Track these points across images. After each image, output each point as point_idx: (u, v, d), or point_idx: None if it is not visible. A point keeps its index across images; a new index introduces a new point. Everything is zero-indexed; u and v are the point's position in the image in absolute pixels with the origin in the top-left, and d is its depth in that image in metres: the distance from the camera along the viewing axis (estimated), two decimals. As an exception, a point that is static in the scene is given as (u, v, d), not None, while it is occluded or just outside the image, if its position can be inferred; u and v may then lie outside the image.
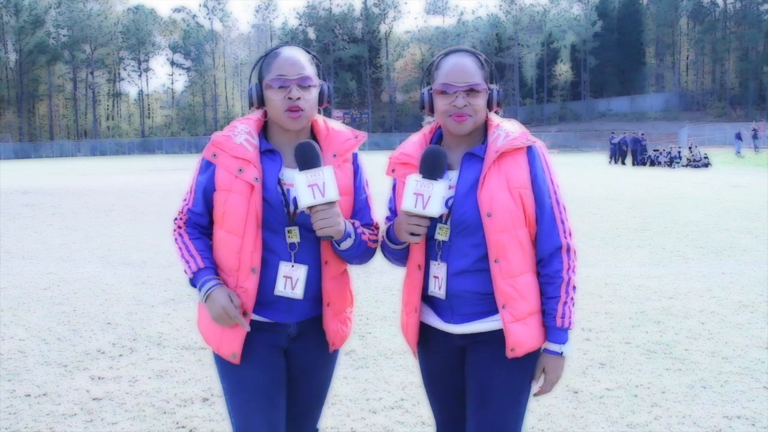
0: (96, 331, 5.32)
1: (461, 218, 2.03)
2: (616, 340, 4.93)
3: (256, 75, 2.18)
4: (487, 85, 2.11)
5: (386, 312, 5.72)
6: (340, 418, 3.65)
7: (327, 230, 2.00)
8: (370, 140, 66.89)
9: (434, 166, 2.01)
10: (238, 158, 2.08)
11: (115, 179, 24.26)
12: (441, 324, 2.13)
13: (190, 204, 2.20)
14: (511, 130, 2.09)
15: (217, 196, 2.13)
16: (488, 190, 2.00)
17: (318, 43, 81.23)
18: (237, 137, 2.12)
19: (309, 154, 2.00)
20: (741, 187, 17.81)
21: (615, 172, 27.44)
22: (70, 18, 75.98)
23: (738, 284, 6.65)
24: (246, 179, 2.06)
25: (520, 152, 2.05)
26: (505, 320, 2.02)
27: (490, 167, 2.02)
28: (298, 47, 2.21)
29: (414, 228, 2.01)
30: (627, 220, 11.45)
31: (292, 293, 2.09)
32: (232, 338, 2.11)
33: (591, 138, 61.10)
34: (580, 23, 78.44)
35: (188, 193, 2.22)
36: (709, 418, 3.61)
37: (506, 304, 2.02)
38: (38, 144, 69.90)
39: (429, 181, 1.98)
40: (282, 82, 2.08)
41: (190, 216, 2.20)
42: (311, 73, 2.14)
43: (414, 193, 1.99)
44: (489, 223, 1.99)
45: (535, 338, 2.06)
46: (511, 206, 2.00)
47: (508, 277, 2.02)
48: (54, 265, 8.06)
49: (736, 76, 74.20)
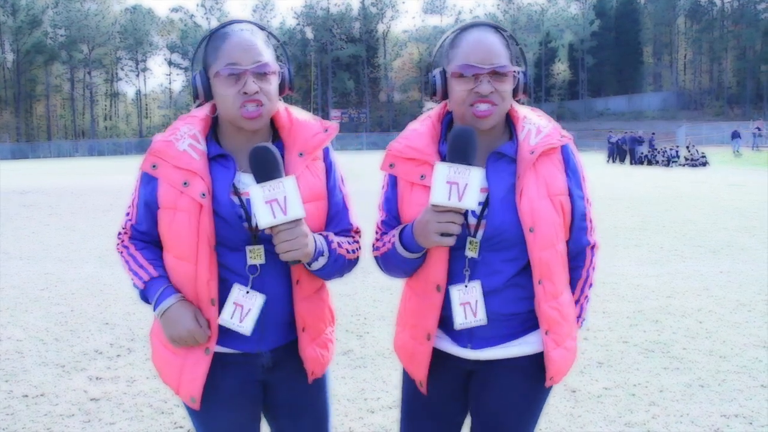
0: (94, 331, 5.31)
1: (497, 232, 1.70)
2: (613, 339, 4.93)
3: (200, 61, 1.77)
4: (518, 65, 1.76)
5: (384, 312, 5.71)
6: (338, 417, 3.65)
7: (292, 254, 1.64)
8: (368, 140, 67.01)
9: (467, 150, 1.62)
10: (182, 169, 1.72)
11: (113, 179, 24.21)
12: (455, 349, 1.82)
13: (133, 220, 1.87)
14: (542, 125, 1.78)
15: (162, 214, 1.76)
16: (528, 199, 1.68)
17: (316, 43, 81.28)
18: (180, 142, 1.74)
19: (266, 162, 1.62)
20: (739, 186, 17.83)
21: (613, 171, 27.46)
22: (67, 18, 75.89)
23: (736, 283, 6.65)
24: (191, 195, 1.70)
25: (555, 152, 1.76)
26: (548, 347, 1.76)
27: (526, 171, 1.70)
28: (251, 23, 1.78)
29: (448, 226, 1.61)
30: (625, 219, 11.45)
31: (238, 326, 1.73)
32: (192, 378, 1.77)
33: (589, 137, 61.11)
34: (578, 22, 78.58)
35: (130, 207, 1.88)
36: (706, 416, 3.61)
37: (550, 330, 1.75)
38: (36, 144, 69.79)
39: (464, 167, 1.60)
40: (233, 70, 1.68)
41: (133, 233, 1.87)
42: (269, 57, 1.74)
43: (447, 182, 1.59)
44: (532, 240, 1.69)
45: (569, 361, 1.84)
46: (554, 218, 1.72)
47: (552, 299, 1.75)
48: (52, 265, 8.05)
49: (734, 75, 74.39)
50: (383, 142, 62.51)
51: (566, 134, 1.80)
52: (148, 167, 1.76)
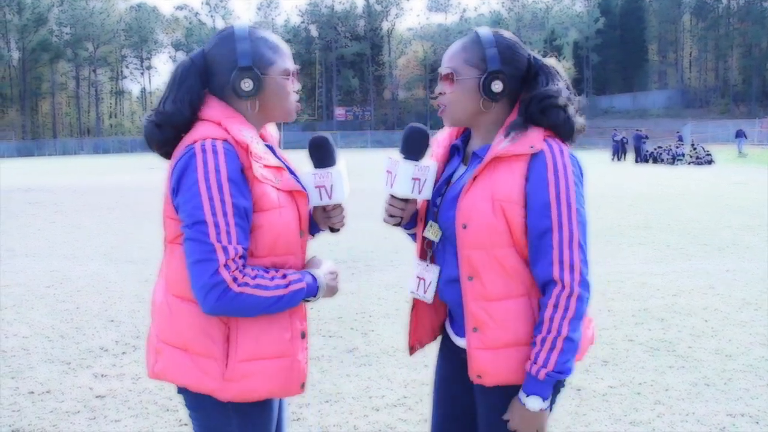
0: (99, 328, 5.33)
1: (444, 225, 1.81)
2: (618, 338, 4.92)
3: (249, 55, 1.71)
4: (479, 68, 1.76)
5: (389, 309, 5.71)
6: (343, 415, 3.65)
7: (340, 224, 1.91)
8: (373, 138, 66.97)
9: (407, 145, 1.84)
10: (271, 167, 1.69)
11: (118, 177, 24.28)
12: (452, 333, 1.96)
13: (234, 240, 1.57)
14: (522, 134, 1.73)
15: (265, 217, 1.65)
16: (471, 199, 1.72)
17: (320, 41, 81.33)
18: (255, 143, 1.68)
19: (325, 149, 1.85)
20: (744, 185, 17.77)
21: (617, 169, 27.40)
22: (72, 16, 76.10)
23: (741, 281, 6.63)
24: (288, 188, 1.71)
25: (519, 159, 1.70)
26: (471, 344, 1.74)
27: (480, 172, 1.72)
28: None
29: (388, 208, 1.88)
30: (629, 217, 11.43)
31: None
32: (300, 364, 1.74)
33: (593, 135, 60.96)
34: (583, 20, 78.30)
35: (222, 230, 1.57)
36: (712, 415, 3.60)
37: (478, 327, 1.74)
38: (41, 142, 69.97)
39: (394, 161, 1.84)
40: (295, 70, 1.81)
41: (244, 255, 1.61)
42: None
43: (386, 170, 1.86)
44: (463, 236, 1.73)
45: (512, 372, 1.73)
46: (491, 221, 1.69)
47: (482, 299, 1.73)
48: (57, 262, 8.08)
49: (740, 72, 74.05)
50: (387, 140, 62.47)
51: (545, 145, 1.70)
52: (254, 172, 1.63)
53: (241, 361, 1.65)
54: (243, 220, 1.60)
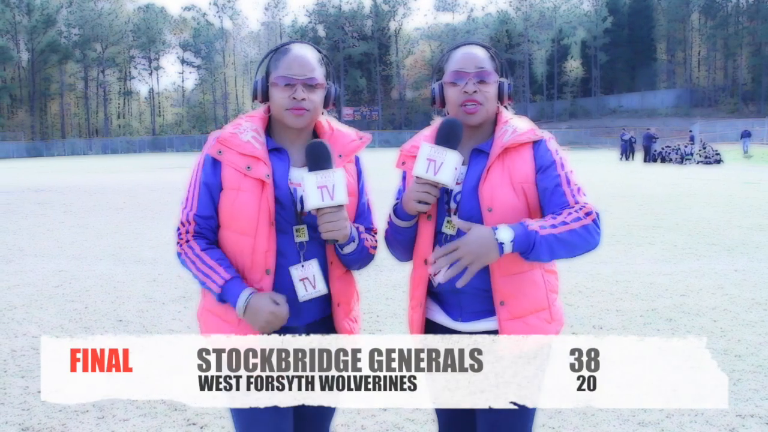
0: (107, 328, 5.35)
1: (467, 214, 1.99)
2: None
3: (264, 69, 2.11)
4: (498, 76, 2.08)
5: (396, 309, 5.71)
6: (350, 415, 3.66)
7: (333, 233, 1.95)
8: (380, 137, 66.95)
9: (449, 136, 1.96)
10: (246, 155, 2.00)
11: (127, 177, 24.39)
12: (449, 322, 2.08)
13: (194, 208, 2.05)
14: (519, 127, 2.04)
15: (225, 195, 2.02)
16: (490, 185, 1.96)
17: (328, 41, 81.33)
18: (243, 134, 2.03)
19: (321, 154, 1.96)
20: (753, 184, 17.68)
21: (626, 168, 27.30)
22: (81, 17, 76.53)
23: (750, 281, 6.60)
24: (256, 176, 1.98)
25: (525, 147, 2.01)
26: (502, 317, 1.97)
27: (493, 162, 1.98)
28: (310, 45, 2.13)
29: (423, 195, 1.95)
30: (638, 216, 11.38)
31: (315, 292, 2.01)
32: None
33: (601, 134, 60.87)
34: (591, 19, 78.07)
35: (190, 198, 2.06)
36: (721, 416, 3.58)
37: (505, 301, 1.97)
38: (50, 142, 70.43)
39: (442, 149, 1.94)
40: (288, 80, 2.01)
41: (197, 222, 2.04)
42: (319, 74, 2.07)
43: (427, 158, 1.94)
44: (489, 218, 1.94)
45: (538, 333, 1.99)
46: (515, 202, 1.95)
47: (507, 274, 1.97)
48: (66, 262, 8.12)
49: (749, 71, 73.55)
50: (395, 140, 62.49)
51: (542, 135, 2.04)
52: (214, 152, 2.03)
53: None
54: (206, 194, 2.03)
